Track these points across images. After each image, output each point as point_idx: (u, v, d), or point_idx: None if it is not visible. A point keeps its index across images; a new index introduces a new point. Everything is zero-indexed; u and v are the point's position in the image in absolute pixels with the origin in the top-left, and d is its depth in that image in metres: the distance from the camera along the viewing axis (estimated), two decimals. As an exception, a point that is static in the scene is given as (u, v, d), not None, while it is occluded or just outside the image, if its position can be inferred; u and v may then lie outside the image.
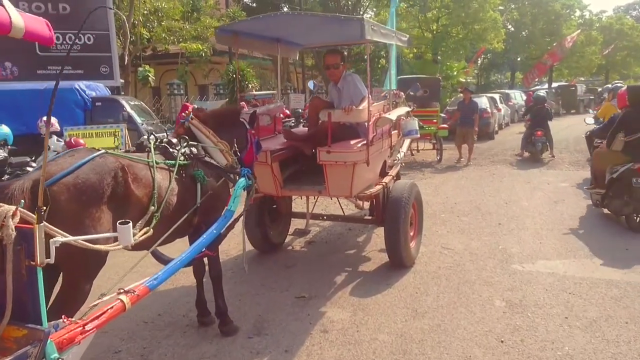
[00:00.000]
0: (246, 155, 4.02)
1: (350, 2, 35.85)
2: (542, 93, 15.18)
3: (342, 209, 6.25)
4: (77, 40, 18.50)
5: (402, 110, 5.16)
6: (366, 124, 4.24)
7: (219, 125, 3.74)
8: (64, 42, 18.21)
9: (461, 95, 13.66)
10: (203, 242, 3.08)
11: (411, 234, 5.09)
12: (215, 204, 3.39)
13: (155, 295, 4.00)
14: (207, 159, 3.38)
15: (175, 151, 3.24)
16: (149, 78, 21.51)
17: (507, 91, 27.80)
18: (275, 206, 5.54)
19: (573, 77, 43.44)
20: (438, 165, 11.87)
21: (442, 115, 12.57)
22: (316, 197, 5.18)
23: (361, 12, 32.71)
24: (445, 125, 12.48)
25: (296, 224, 6.16)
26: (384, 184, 4.94)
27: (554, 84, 35.12)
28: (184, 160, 3.24)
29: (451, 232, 6.30)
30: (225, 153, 3.59)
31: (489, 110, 17.85)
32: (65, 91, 12.58)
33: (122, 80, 21.39)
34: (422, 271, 4.94)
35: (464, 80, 25.90)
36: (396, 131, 5.44)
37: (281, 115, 5.45)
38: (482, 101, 18.14)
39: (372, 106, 4.46)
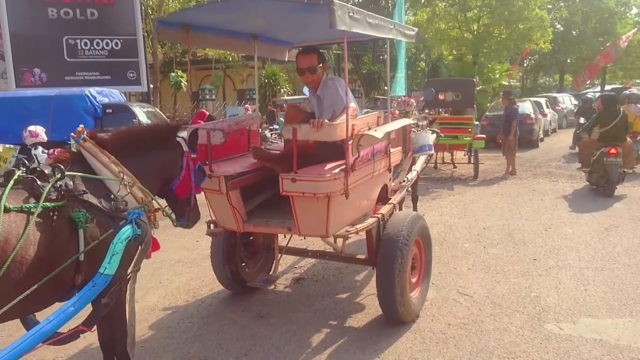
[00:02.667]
0: (179, 186, 3.08)
1: (390, 4, 34.78)
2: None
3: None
4: (104, 46, 18.32)
5: (401, 123, 4.06)
6: (346, 143, 3.21)
7: (132, 148, 2.81)
8: (92, 48, 18.02)
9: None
10: (44, 330, 2.14)
11: (413, 280, 4.00)
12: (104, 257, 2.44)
13: None
14: (88, 196, 2.43)
15: (48, 184, 2.32)
16: (182, 83, 21.19)
17: (554, 95, 25.89)
18: (251, 238, 4.57)
19: (628, 79, 40.52)
20: (473, 181, 10.56)
21: (478, 122, 11.23)
22: (288, 235, 4.14)
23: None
24: (482, 135, 11.15)
25: (286, 260, 5.19)
26: (379, 216, 3.88)
27: (607, 87, 32.69)
28: (58, 199, 2.32)
29: (473, 270, 5.14)
30: (131, 187, 2.65)
31: (532, 115, 16.32)
32: (74, 97, 12.11)
33: (152, 86, 21.15)
34: (426, 330, 3.84)
35: (506, 83, 24.23)
36: (399, 148, 4.37)
37: (259, 128, 4.48)
38: (525, 106, 16.66)
39: (356, 120, 3.43)
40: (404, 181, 4.90)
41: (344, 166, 3.25)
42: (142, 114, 12.19)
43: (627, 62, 34.27)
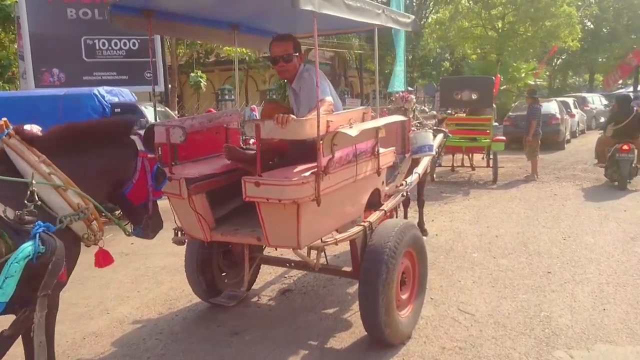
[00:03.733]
0: (133, 190, 2.71)
1: (415, 3, 34.16)
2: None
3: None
4: (122, 46, 18.32)
5: (388, 120, 3.59)
6: (318, 143, 2.79)
7: (69, 146, 2.46)
8: (110, 48, 18.03)
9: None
10: None
11: (403, 297, 3.56)
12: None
13: None
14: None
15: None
16: (201, 84, 21.12)
17: (583, 95, 24.86)
18: (231, 246, 4.19)
19: (663, 78, 38.90)
20: (492, 185, 9.97)
21: (497, 124, 10.63)
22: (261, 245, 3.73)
23: (426, 13, 30.87)
24: (501, 137, 10.56)
25: (276, 269, 4.82)
26: (365, 225, 3.45)
27: (640, 87, 31.36)
28: None
29: (478, 283, 4.66)
30: (64, 191, 2.30)
31: (558, 116, 15.57)
32: (83, 97, 11.96)
33: (170, 86, 21.13)
34: (416, 354, 3.39)
35: (532, 82, 23.37)
36: (392, 149, 3.92)
37: (240, 126, 4.09)
38: (551, 106, 15.92)
39: (334, 116, 3.01)
40: (401, 185, 4.45)
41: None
42: (151, 114, 11.97)
43: (661, 61, 32.80)
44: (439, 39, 25.31)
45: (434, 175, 10.69)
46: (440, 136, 5.68)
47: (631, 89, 32.42)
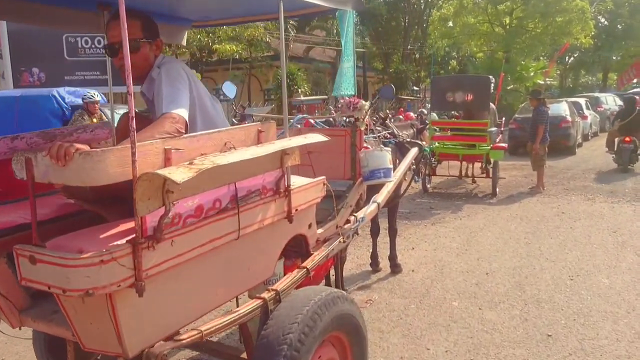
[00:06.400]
0: None
1: (421, 1, 32.90)
2: None
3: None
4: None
5: (297, 142, 2.35)
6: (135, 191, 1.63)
7: None
8: (93, 46, 17.05)
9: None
10: None
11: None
12: None
13: None
14: None
15: None
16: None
17: (596, 94, 23.43)
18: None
19: (680, 77, 37.23)
20: (490, 199, 8.74)
21: (496, 128, 9.39)
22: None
23: (431, 10, 29.57)
24: (502, 145, 9.32)
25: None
26: (265, 298, 2.29)
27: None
28: None
29: (452, 354, 3.46)
30: None
31: (568, 118, 14.27)
32: (40, 99, 10.94)
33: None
34: None
35: (542, 82, 22.02)
36: (322, 178, 2.75)
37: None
38: (561, 107, 14.65)
39: (182, 141, 1.84)
40: (347, 222, 3.29)
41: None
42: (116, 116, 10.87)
43: (679, 59, 31.24)
44: (443, 36, 24.01)
45: (428, 186, 9.52)
46: (413, 151, 4.50)
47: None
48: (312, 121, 4.37)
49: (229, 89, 4.10)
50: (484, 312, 4.10)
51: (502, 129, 10.37)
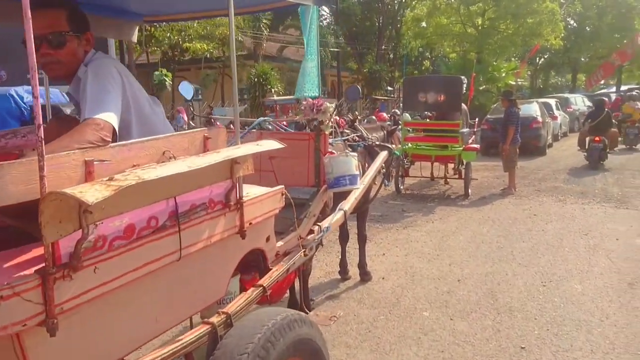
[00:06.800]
0: None
1: (395, 1, 32.92)
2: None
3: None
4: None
5: (247, 149, 2.12)
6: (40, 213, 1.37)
7: None
8: (55, 44, 16.40)
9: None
10: None
11: None
12: None
13: None
14: None
15: None
16: (166, 83, 19.64)
17: (566, 95, 23.79)
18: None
19: (645, 79, 38.22)
20: (463, 201, 8.66)
21: (468, 129, 9.31)
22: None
23: (405, 11, 29.57)
24: (474, 146, 9.25)
25: None
26: (214, 323, 2.07)
27: (623, 87, 30.47)
28: None
29: (423, 369, 3.29)
30: None
31: (539, 119, 14.36)
32: (-4, 98, 10.47)
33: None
34: None
35: (513, 82, 22.24)
36: (280, 187, 2.53)
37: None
38: (532, 108, 14.76)
39: (107, 151, 1.60)
40: (310, 233, 3.07)
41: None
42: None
43: (645, 61, 32.00)
44: (416, 36, 24.02)
45: (401, 187, 9.39)
46: (383, 154, 4.31)
47: (613, 89, 31.59)
48: (269, 126, 4.13)
49: (186, 90, 3.83)
50: (455, 323, 3.94)
51: (475, 129, 10.31)
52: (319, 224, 3.17)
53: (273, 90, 22.97)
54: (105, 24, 3.04)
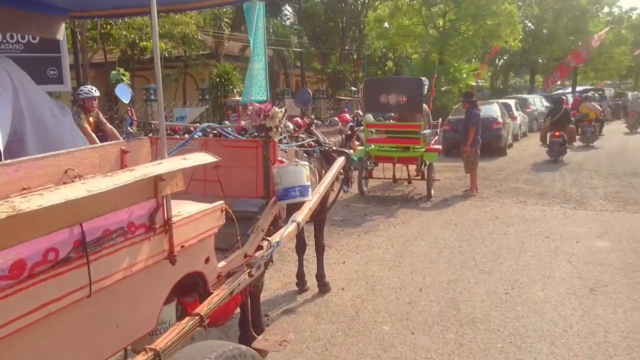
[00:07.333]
0: None
1: (358, 2, 32.89)
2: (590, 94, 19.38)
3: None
4: (19, 39, 15.98)
5: (171, 166, 1.87)
6: None
7: None
8: (6, 41, 15.57)
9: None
10: None
11: None
12: None
13: None
14: None
15: None
16: (123, 82, 18.91)
17: (525, 96, 24.24)
18: None
19: (599, 80, 39.53)
20: (425, 203, 8.57)
21: (429, 130, 9.22)
22: None
23: (368, 11, 29.54)
24: (436, 147, 9.18)
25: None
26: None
27: (578, 88, 31.39)
28: None
29: (383, 391, 3.08)
30: None
31: (500, 119, 14.49)
32: None
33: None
34: None
35: (474, 83, 22.51)
36: (219, 203, 2.27)
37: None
38: (493, 109, 14.87)
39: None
40: (259, 249, 2.82)
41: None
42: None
43: (598, 63, 33.10)
44: (379, 37, 24.01)
45: (365, 189, 9.23)
46: (340, 160, 4.09)
47: (569, 89, 32.52)
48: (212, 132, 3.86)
49: (123, 93, 3.49)
50: (416, 337, 3.75)
51: (438, 130, 10.26)
52: (268, 238, 2.92)
53: (235, 90, 22.51)
54: (26, 19, 2.73)
